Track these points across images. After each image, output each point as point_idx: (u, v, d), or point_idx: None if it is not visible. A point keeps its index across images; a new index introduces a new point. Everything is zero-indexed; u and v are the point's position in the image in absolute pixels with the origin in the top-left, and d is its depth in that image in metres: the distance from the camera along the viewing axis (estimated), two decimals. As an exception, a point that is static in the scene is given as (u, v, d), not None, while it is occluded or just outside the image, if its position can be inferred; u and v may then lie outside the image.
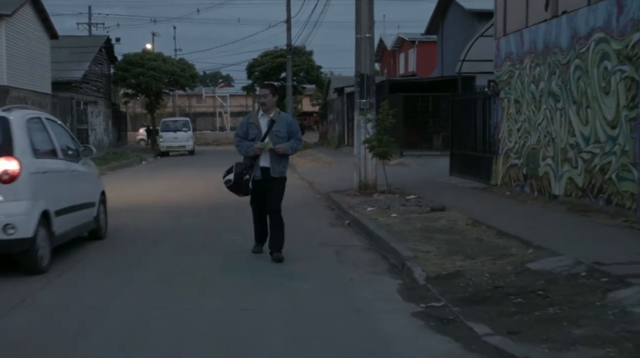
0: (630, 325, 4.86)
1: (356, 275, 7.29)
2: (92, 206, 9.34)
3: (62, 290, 6.79)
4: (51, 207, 7.68)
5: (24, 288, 6.71)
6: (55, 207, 7.80)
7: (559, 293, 5.85)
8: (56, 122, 9.12)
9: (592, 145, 10.38)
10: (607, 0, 9.90)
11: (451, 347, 4.87)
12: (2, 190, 7.13)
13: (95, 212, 9.40)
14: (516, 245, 7.96)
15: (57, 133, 8.76)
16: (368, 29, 14.20)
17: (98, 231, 9.58)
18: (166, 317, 5.70)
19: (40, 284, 6.92)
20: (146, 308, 6.01)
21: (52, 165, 8.11)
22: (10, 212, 7.11)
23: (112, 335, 5.28)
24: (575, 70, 10.87)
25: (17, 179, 7.18)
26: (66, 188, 8.36)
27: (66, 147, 8.88)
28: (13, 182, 7.17)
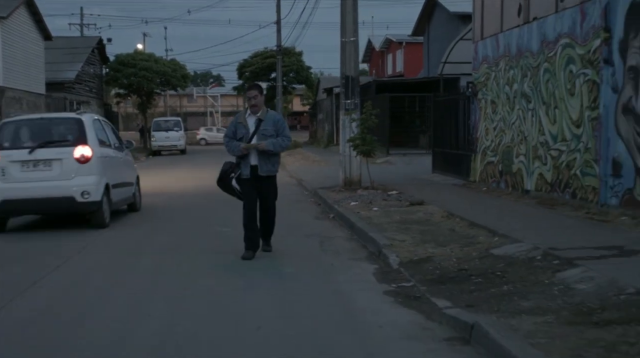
0: (570, 298, 5.58)
1: (337, 261, 8.00)
2: (132, 185, 12.54)
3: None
4: (110, 182, 10.88)
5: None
6: (112, 182, 10.99)
7: (514, 273, 6.57)
8: (107, 123, 12.48)
9: (559, 143, 11.13)
10: (572, 8, 10.65)
11: (415, 317, 5.58)
12: (79, 168, 10.38)
13: (133, 189, 12.63)
14: (484, 234, 8.69)
15: (109, 130, 12.06)
16: (352, 33, 14.91)
17: (134, 204, 12.80)
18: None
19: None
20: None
21: (109, 152, 11.38)
22: (86, 183, 10.33)
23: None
24: (544, 73, 11.62)
25: (90, 160, 10.45)
26: (117, 170, 11.57)
27: (115, 140, 12.18)
28: (87, 162, 10.42)
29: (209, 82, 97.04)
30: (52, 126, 11.23)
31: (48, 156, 10.41)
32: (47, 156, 10.40)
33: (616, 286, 5.65)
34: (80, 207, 10.39)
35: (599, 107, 9.86)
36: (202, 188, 16.22)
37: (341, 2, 14.83)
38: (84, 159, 10.40)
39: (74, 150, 10.43)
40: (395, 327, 5.32)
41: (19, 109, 27.86)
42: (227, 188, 8.23)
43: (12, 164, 10.34)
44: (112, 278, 7.38)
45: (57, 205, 10.48)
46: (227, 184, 8.18)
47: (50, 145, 10.51)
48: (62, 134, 10.94)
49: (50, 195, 10.25)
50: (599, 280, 5.90)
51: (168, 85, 43.93)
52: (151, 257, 8.43)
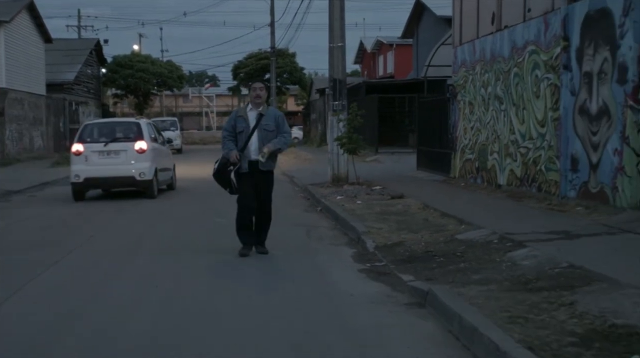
0: (514, 272, 6.57)
1: (320, 246, 8.99)
2: (170, 170, 16.62)
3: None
4: (157, 167, 15.00)
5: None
6: (159, 167, 15.12)
7: (472, 254, 7.57)
8: (155, 125, 17.08)
9: (527, 141, 12.15)
10: (537, 18, 11.67)
11: (382, 288, 6.57)
12: (138, 156, 14.48)
13: (171, 174, 16.71)
14: (453, 223, 9.69)
15: (156, 130, 16.40)
16: (340, 39, 15.91)
17: (172, 184, 16.87)
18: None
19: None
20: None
21: (156, 146, 15.47)
22: (142, 167, 14.51)
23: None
24: (514, 77, 12.64)
25: (145, 151, 14.55)
26: (162, 159, 15.68)
27: (160, 138, 16.51)
28: (143, 153, 14.53)
29: (204, 82, 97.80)
30: (120, 127, 15.57)
31: (117, 148, 14.63)
32: (116, 148, 14.64)
33: (553, 262, 6.66)
34: (138, 183, 14.64)
35: (559, 108, 10.88)
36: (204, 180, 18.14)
37: (329, 11, 15.82)
38: (141, 150, 14.54)
39: (134, 144, 14.55)
40: (364, 295, 6.31)
41: (20, 109, 28.82)
42: (224, 181, 8.19)
43: (92, 153, 14.48)
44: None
45: (122, 182, 14.84)
46: (225, 177, 8.14)
47: (118, 141, 14.78)
48: (126, 133, 15.01)
49: (118, 175, 14.47)
50: (540, 257, 6.90)
51: (164, 86, 44.92)
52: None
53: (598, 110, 9.79)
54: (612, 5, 9.41)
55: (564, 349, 4.30)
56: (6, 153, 26.65)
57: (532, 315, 5.05)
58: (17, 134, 28.32)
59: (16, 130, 28.25)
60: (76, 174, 14.31)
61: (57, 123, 34.16)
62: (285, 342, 5.01)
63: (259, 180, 8.14)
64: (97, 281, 7.09)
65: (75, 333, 5.30)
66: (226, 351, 4.86)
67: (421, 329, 5.29)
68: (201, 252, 8.52)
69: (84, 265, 7.95)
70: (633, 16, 8.95)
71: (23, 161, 26.88)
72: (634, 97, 8.98)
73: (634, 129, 9.01)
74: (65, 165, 25.27)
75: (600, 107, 9.74)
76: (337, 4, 15.78)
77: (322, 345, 4.91)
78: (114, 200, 15.04)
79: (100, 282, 7.03)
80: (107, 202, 14.71)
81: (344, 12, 15.90)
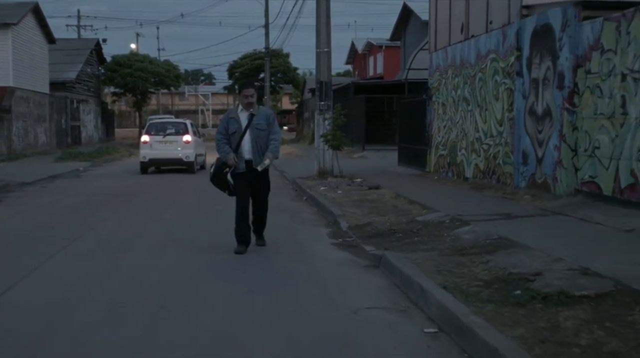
0: (454, 243, 8.12)
1: (302, 227, 10.53)
2: (203, 156, 22.96)
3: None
4: (196, 152, 21.64)
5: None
6: (197, 153, 21.77)
7: (426, 231, 9.12)
8: (194, 124, 24.00)
9: (489, 138, 13.71)
10: (497, 30, 13.23)
11: (348, 256, 8.11)
12: (185, 145, 21.18)
13: (204, 158, 22.91)
14: (418, 208, 11.24)
15: (194, 128, 23.20)
16: (326, 44, 17.44)
17: (204, 165, 22.38)
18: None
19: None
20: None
21: (196, 138, 22.06)
22: (187, 152, 21.19)
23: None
24: (478, 81, 14.20)
25: (189, 142, 21.29)
26: (198, 147, 22.23)
27: (198, 133, 23.52)
28: (188, 143, 21.27)
29: (199, 80, 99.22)
30: (173, 125, 22.49)
31: (171, 139, 21.29)
32: (170, 139, 21.30)
33: (487, 235, 8.21)
34: (184, 163, 21.18)
35: (514, 109, 12.44)
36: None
37: (316, 19, 17.37)
38: (187, 141, 21.26)
39: (182, 137, 21.30)
40: (334, 260, 7.87)
41: (26, 107, 30.28)
42: (221, 183, 8.35)
43: (154, 142, 21.20)
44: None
45: (173, 162, 21.37)
46: (222, 179, 8.29)
47: (172, 134, 21.43)
48: (177, 129, 21.81)
49: (171, 157, 21.22)
50: (478, 232, 8.46)
51: (162, 84, 46.33)
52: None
53: (543, 111, 11.36)
54: (553, 22, 10.97)
55: (470, 289, 5.85)
56: (13, 148, 28.10)
57: (456, 270, 6.61)
58: (22, 131, 29.78)
59: (22, 127, 29.71)
60: (144, 156, 21.22)
61: (60, 120, 35.63)
62: (269, 287, 6.55)
63: (255, 179, 8.30)
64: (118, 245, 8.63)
65: (103, 286, 6.82)
66: (226, 294, 6.39)
67: (373, 282, 6.84)
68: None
69: (106, 236, 9.50)
70: (569, 32, 10.52)
71: (29, 156, 28.33)
72: (570, 101, 10.55)
73: (570, 128, 10.58)
74: (68, 160, 26.85)
75: (544, 109, 11.31)
76: (324, 13, 17.32)
77: (297, 291, 6.45)
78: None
79: (128, 240, 8.57)
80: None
81: (330, 20, 17.45)
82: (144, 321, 5.44)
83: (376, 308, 5.80)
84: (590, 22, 10.10)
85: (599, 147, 9.87)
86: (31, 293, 6.44)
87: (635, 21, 8.94)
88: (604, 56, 9.71)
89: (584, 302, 5.19)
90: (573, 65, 10.47)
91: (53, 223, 11.05)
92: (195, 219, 11.40)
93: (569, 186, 10.64)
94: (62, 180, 19.53)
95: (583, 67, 10.30)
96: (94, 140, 42.07)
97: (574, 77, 10.47)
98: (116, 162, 29.43)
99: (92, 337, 5.05)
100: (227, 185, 8.29)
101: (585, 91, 10.25)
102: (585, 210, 9.56)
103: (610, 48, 9.57)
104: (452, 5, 15.89)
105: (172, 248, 8.76)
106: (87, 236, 9.77)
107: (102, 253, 8.42)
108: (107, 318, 5.52)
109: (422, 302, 5.77)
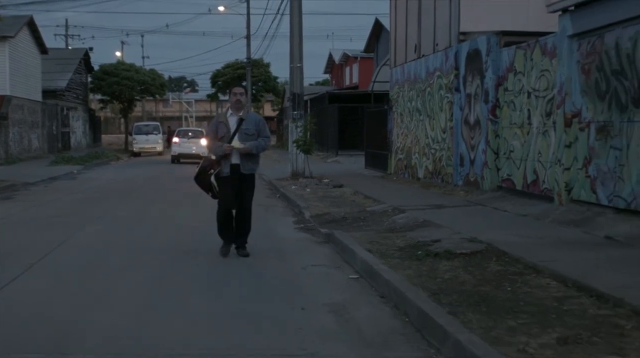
0: (390, 226, 10.35)
1: (273, 217, 12.72)
2: None
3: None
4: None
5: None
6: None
7: (371, 218, 11.35)
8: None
9: (435, 144, 15.99)
10: (441, 51, 15.53)
11: (306, 235, 10.33)
12: (201, 145, 24.92)
13: None
14: (370, 202, 13.48)
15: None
16: (299, 60, 19.67)
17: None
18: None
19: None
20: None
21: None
22: (204, 150, 23.07)
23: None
24: (427, 95, 16.49)
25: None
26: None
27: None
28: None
29: (183, 87, 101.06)
30: (194, 131, 32.81)
31: (193, 141, 30.42)
32: (193, 141, 30.46)
33: (415, 220, 10.46)
34: (201, 157, 29.31)
35: (453, 119, 14.73)
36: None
37: (290, 38, 19.58)
38: (203, 142, 22.80)
39: (200, 139, 27.43)
40: (294, 238, 10.09)
41: (21, 114, 32.25)
42: (205, 184, 8.35)
43: (182, 142, 31.25)
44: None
45: (193, 156, 28.55)
46: (206, 180, 8.30)
47: (193, 138, 30.98)
48: (197, 133, 31.19)
49: (193, 153, 29.42)
50: (410, 218, 10.70)
51: (147, 92, 48.26)
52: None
53: (474, 121, 13.65)
54: (481, 47, 13.28)
55: (387, 252, 8.08)
56: (10, 153, 30.06)
57: (382, 241, 8.85)
58: (18, 136, 31.74)
59: (17, 133, 31.67)
60: (174, 151, 31.83)
61: (51, 126, 37.58)
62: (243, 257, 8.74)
63: (241, 184, 8.30)
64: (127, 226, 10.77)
65: (120, 244, 8.97)
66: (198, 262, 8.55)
67: (321, 251, 9.05)
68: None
69: (114, 218, 11.65)
70: (492, 56, 12.82)
71: (24, 160, 30.29)
72: (493, 113, 12.84)
73: (493, 135, 12.88)
74: (62, 164, 28.85)
75: (475, 119, 13.61)
76: (297, 33, 19.54)
77: (264, 257, 8.64)
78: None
79: (135, 223, 10.72)
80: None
81: (302, 39, 19.67)
82: (151, 267, 7.62)
83: (319, 266, 8.01)
84: (507, 49, 12.41)
85: (513, 151, 12.17)
86: (71, 253, 8.59)
87: (536, 50, 11.24)
88: (516, 77, 12.02)
89: (461, 256, 7.44)
90: (495, 83, 12.76)
91: (67, 211, 13.22)
92: (183, 206, 13.60)
93: (492, 183, 12.93)
94: (61, 181, 21.58)
95: (502, 85, 12.61)
96: (82, 146, 44.01)
97: (496, 93, 12.77)
98: (106, 165, 31.50)
99: (116, 289, 7.23)
100: (211, 186, 8.29)
101: (504, 105, 12.56)
102: (500, 201, 11.85)
103: (520, 71, 11.87)
104: (407, 29, 18.20)
105: (168, 223, 10.94)
106: (99, 219, 11.97)
107: (115, 229, 10.62)
108: (128, 263, 7.70)
109: (352, 261, 8.00)
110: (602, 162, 9.12)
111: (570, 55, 9.87)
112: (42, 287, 6.87)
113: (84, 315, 5.80)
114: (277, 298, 6.42)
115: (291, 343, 5.06)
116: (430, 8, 16.11)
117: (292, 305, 6.10)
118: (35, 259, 8.21)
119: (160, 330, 5.37)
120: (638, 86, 8.32)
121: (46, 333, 5.28)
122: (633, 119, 8.42)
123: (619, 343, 4.51)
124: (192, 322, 5.60)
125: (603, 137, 9.08)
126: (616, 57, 8.77)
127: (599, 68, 9.19)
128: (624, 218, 8.55)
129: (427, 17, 16.44)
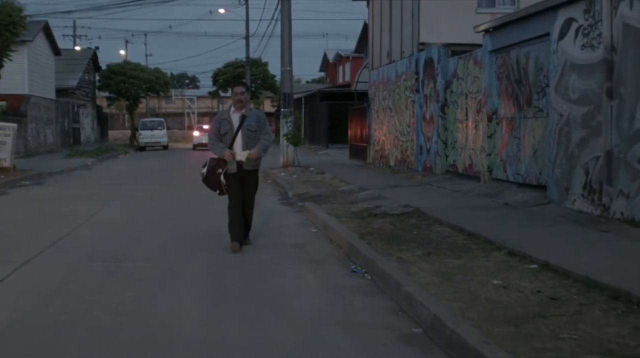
0: (352, 200, 13.17)
1: (263, 196, 15.44)
2: None
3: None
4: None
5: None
6: None
7: (339, 195, 14.18)
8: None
9: (403, 136, 18.84)
10: (406, 58, 18.36)
11: (287, 207, 13.19)
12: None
13: None
14: (344, 184, 16.30)
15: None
16: (289, 64, 22.48)
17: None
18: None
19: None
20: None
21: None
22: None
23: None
24: (396, 94, 19.32)
25: None
26: None
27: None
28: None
29: (185, 84, 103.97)
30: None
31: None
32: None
33: (373, 195, 13.29)
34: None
35: (415, 116, 17.57)
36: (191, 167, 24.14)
37: (281, 44, 22.41)
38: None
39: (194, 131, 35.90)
40: (278, 209, 12.97)
41: (37, 111, 35.13)
42: (214, 184, 8.50)
43: (200, 133, 41.12)
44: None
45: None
46: (215, 180, 8.42)
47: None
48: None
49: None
50: (370, 194, 13.54)
51: (152, 90, 51.15)
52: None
53: (429, 117, 16.49)
54: (434, 56, 16.11)
55: (342, 215, 10.91)
56: (28, 147, 32.93)
57: (341, 209, 11.70)
58: (35, 132, 34.62)
59: (35, 129, 34.55)
60: (195, 141, 42.25)
61: (63, 123, 40.47)
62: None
63: (245, 179, 8.53)
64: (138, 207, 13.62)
65: (142, 213, 11.81)
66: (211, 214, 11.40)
67: (296, 216, 11.91)
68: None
69: (132, 196, 14.50)
70: (442, 64, 15.65)
71: (41, 154, 33.14)
72: (442, 111, 15.68)
73: (443, 129, 15.72)
74: (76, 157, 31.72)
75: (430, 116, 16.45)
76: (286, 39, 22.35)
77: (254, 220, 11.48)
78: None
79: (144, 204, 13.56)
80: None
81: (291, 44, 22.49)
82: (168, 221, 10.47)
83: (292, 225, 10.88)
84: (452, 58, 15.24)
85: (457, 142, 15.01)
86: (108, 216, 11.47)
87: (471, 61, 14.07)
88: (458, 82, 14.85)
89: (392, 216, 10.29)
90: (444, 86, 15.59)
91: (93, 192, 16.12)
92: (187, 189, 16.48)
93: (442, 168, 15.78)
94: (79, 171, 24.46)
95: (449, 88, 15.44)
96: (91, 141, 46.89)
97: (445, 94, 15.60)
98: (115, 158, 34.40)
99: (144, 233, 10.11)
100: (220, 185, 8.40)
101: (450, 104, 15.40)
102: (445, 182, 14.70)
103: (461, 76, 14.71)
104: (382, 38, 21.04)
105: (176, 199, 13.81)
106: (122, 197, 14.90)
107: (136, 202, 13.54)
108: (152, 221, 10.57)
109: (315, 221, 10.86)
110: (509, 149, 11.97)
111: (490, 66, 12.71)
112: (95, 234, 9.80)
113: (128, 247, 8.72)
114: (261, 237, 9.34)
115: (265, 257, 7.98)
116: (398, 21, 18.95)
117: (269, 242, 9.03)
118: (84, 219, 11.15)
119: (175, 249, 8.29)
120: (529, 91, 11.17)
121: (105, 255, 8.21)
122: (526, 116, 11.27)
123: (462, 254, 7.36)
124: (198, 246, 8.49)
125: (510, 129, 11.93)
126: (517, 69, 11.62)
127: (507, 77, 12.04)
128: (521, 190, 11.42)
129: (396, 28, 19.28)
